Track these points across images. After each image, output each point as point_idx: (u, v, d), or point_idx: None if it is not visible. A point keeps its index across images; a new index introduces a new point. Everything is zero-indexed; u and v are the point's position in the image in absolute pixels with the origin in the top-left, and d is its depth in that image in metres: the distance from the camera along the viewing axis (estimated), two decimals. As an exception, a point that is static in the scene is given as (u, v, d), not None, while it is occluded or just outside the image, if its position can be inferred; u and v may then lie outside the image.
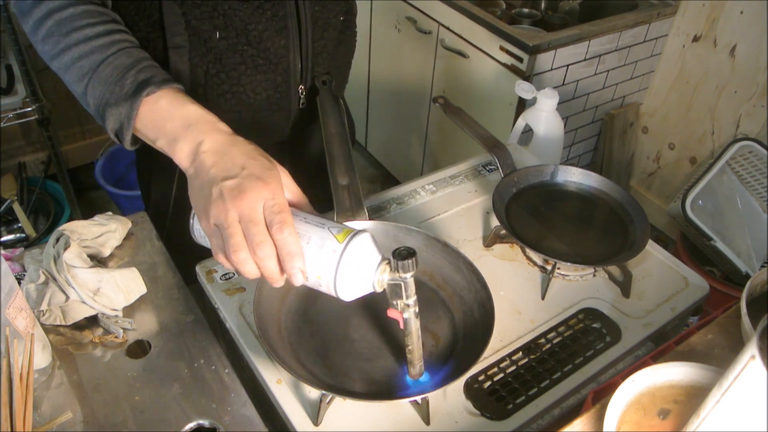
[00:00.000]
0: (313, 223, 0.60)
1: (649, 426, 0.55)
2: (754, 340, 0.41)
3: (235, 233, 0.57)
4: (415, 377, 0.70)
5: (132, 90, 0.65)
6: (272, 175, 0.60)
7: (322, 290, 0.61)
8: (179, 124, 0.63)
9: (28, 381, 0.65)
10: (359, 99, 2.48)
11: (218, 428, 0.68)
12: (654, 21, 1.92)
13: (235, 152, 0.61)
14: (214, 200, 0.58)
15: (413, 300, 0.63)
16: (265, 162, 0.61)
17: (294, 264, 0.57)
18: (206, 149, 0.61)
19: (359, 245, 0.59)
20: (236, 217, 0.57)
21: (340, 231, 0.59)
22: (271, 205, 0.57)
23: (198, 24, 0.82)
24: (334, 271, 0.58)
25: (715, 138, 2.05)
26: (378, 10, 2.19)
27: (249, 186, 0.57)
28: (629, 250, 0.89)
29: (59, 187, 2.06)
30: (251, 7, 0.83)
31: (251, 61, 0.87)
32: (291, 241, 0.57)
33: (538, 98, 1.27)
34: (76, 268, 0.77)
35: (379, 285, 0.61)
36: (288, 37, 0.88)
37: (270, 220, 0.57)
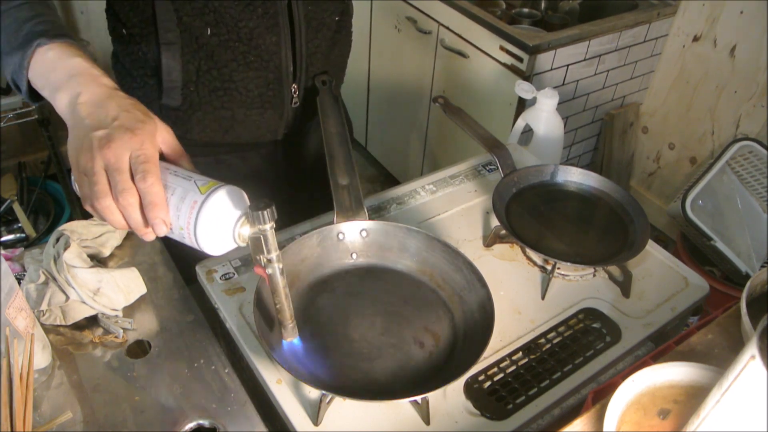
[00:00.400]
0: (181, 176, 0.60)
1: (649, 426, 0.55)
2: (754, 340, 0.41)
3: (100, 180, 0.58)
4: (289, 338, 0.68)
5: (25, 40, 0.66)
6: (143, 127, 0.60)
7: (186, 243, 0.61)
8: (62, 74, 0.64)
9: (28, 381, 0.65)
10: (359, 99, 2.48)
11: (218, 428, 0.68)
12: (654, 21, 1.92)
13: (111, 104, 0.62)
14: (84, 149, 0.59)
15: (276, 254, 0.62)
16: (138, 114, 0.62)
17: (156, 213, 0.58)
18: (83, 101, 0.62)
19: (220, 198, 0.59)
20: (102, 165, 0.58)
21: (205, 183, 0.59)
22: (137, 155, 0.58)
23: (190, 21, 0.83)
24: (194, 222, 0.58)
25: (715, 138, 2.05)
26: (378, 10, 2.19)
27: (117, 136, 0.58)
28: (629, 250, 0.89)
29: (59, 187, 2.06)
30: (242, 5, 0.83)
31: (243, 58, 0.88)
32: (154, 191, 0.58)
33: (538, 98, 1.27)
34: (76, 268, 0.77)
35: (240, 239, 0.61)
36: (279, 34, 0.88)
37: (135, 169, 0.58)
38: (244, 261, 0.89)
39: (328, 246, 0.84)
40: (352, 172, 0.89)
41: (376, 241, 0.85)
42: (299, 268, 0.82)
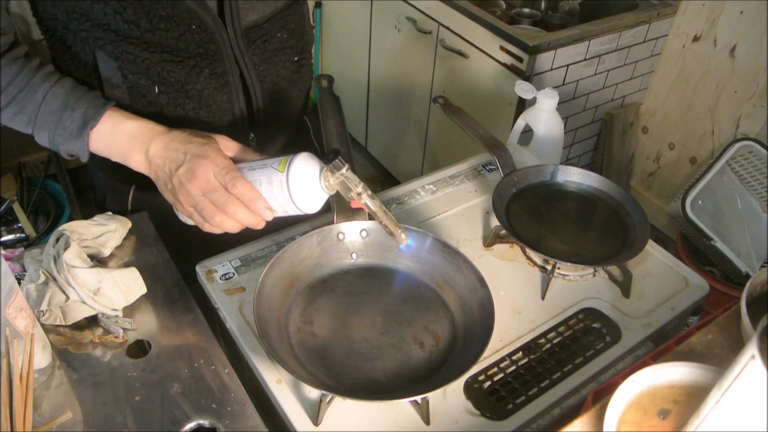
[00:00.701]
0: (257, 168, 0.71)
1: (649, 426, 0.55)
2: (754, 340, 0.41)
3: (205, 206, 0.69)
4: (404, 241, 0.77)
5: (75, 130, 0.75)
6: (210, 147, 0.71)
7: (291, 214, 0.72)
8: (124, 141, 0.74)
9: (28, 381, 0.65)
10: (359, 99, 2.48)
11: (218, 428, 0.68)
12: (654, 21, 1.92)
13: (176, 144, 0.72)
14: (178, 189, 0.70)
15: (362, 186, 0.71)
16: (200, 140, 0.71)
17: (258, 206, 0.69)
18: (154, 152, 0.73)
19: (298, 167, 0.69)
20: (200, 193, 0.69)
21: (280, 163, 0.70)
22: (218, 171, 0.69)
23: (135, 78, 0.81)
24: (289, 196, 0.69)
25: (715, 138, 2.05)
26: (378, 10, 2.19)
27: (195, 165, 0.69)
28: (629, 250, 0.89)
29: (59, 187, 2.06)
30: (187, 67, 0.82)
31: (194, 114, 0.86)
32: (246, 189, 0.69)
33: (538, 98, 1.27)
34: (76, 268, 0.77)
35: (329, 189, 0.71)
36: (230, 92, 0.87)
37: (224, 182, 0.69)
38: (244, 261, 0.89)
39: (328, 246, 0.84)
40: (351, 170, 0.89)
41: (376, 241, 0.85)
42: (299, 268, 0.82)
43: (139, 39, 0.78)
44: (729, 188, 1.86)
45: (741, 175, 1.86)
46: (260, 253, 0.90)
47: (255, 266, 0.88)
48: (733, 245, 1.80)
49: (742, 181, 1.86)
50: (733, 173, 1.86)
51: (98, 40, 0.78)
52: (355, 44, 2.38)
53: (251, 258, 0.89)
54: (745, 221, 1.84)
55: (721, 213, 1.84)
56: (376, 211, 0.74)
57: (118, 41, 0.78)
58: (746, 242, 1.82)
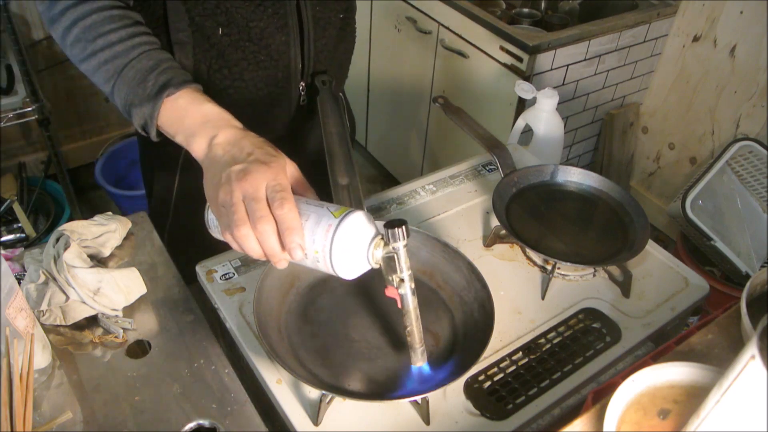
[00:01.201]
0: (313, 204, 0.64)
1: (649, 426, 0.55)
2: (754, 340, 0.41)
3: (239, 210, 0.61)
4: (418, 363, 0.69)
5: (154, 92, 0.70)
6: (276, 160, 0.64)
7: (320, 267, 0.63)
8: (197, 120, 0.69)
9: (28, 381, 0.65)
10: (359, 99, 2.48)
11: (218, 428, 0.68)
12: (654, 21, 1.92)
13: (245, 143, 0.66)
14: (223, 183, 0.63)
15: (408, 274, 0.63)
16: (270, 150, 0.66)
17: (293, 239, 0.61)
18: (219, 141, 0.67)
19: (354, 220, 0.61)
20: (240, 197, 0.61)
21: (338, 209, 0.62)
22: (273, 185, 0.62)
23: (201, 21, 0.83)
24: (330, 245, 0.61)
25: (715, 138, 2.05)
26: (378, 10, 2.19)
27: (253, 169, 0.62)
28: (629, 250, 0.89)
29: (59, 187, 2.06)
30: (253, 5, 0.84)
31: (253, 57, 0.88)
32: (290, 216, 0.60)
33: (538, 98, 1.27)
34: (76, 268, 0.77)
35: (373, 260, 0.63)
36: (289, 34, 0.89)
37: (271, 198, 0.61)
38: (244, 261, 0.89)
39: (328, 246, 0.84)
40: (352, 172, 0.89)
41: (376, 241, 0.85)
42: (299, 268, 0.82)
43: None
44: (729, 188, 1.86)
45: (741, 175, 1.86)
46: (260, 253, 0.90)
47: (255, 266, 0.88)
48: (733, 245, 1.80)
49: (742, 181, 1.86)
50: (733, 173, 1.86)
51: None
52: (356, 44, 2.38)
53: (251, 258, 0.89)
54: (745, 221, 1.84)
55: (721, 213, 1.84)
56: (411, 311, 0.66)
57: None
58: (746, 242, 1.82)
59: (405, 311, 0.66)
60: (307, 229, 0.62)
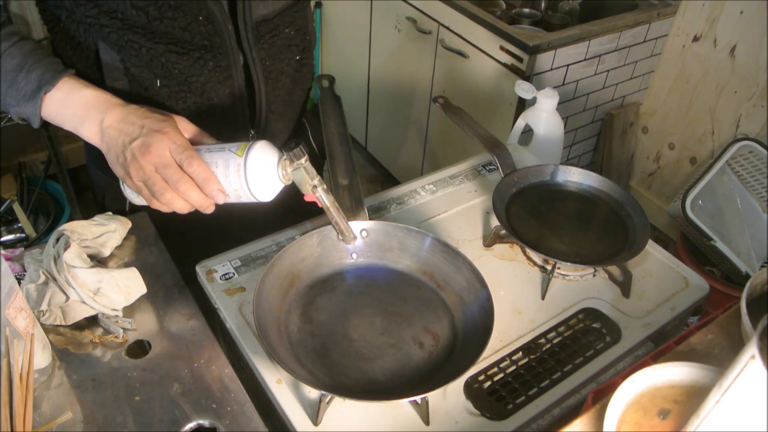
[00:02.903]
0: (215, 150, 0.70)
1: (649, 426, 0.55)
2: (754, 340, 0.41)
3: (156, 181, 0.67)
4: (351, 241, 0.81)
5: (29, 92, 0.72)
6: (168, 124, 0.69)
7: (244, 200, 0.71)
8: (79, 109, 0.72)
9: (28, 381, 0.65)
10: (359, 99, 2.48)
11: (218, 428, 0.68)
12: (654, 21, 1.92)
13: (133, 117, 0.70)
14: (130, 162, 0.68)
15: (317, 179, 0.72)
16: (158, 116, 0.70)
17: (211, 187, 0.67)
18: (108, 124, 0.70)
19: (256, 153, 0.68)
20: (152, 168, 0.67)
21: (239, 147, 0.69)
22: (174, 148, 0.67)
23: (137, 71, 0.81)
24: (245, 181, 0.68)
25: (715, 138, 2.05)
26: (378, 10, 2.19)
27: (152, 140, 0.67)
28: (629, 250, 0.89)
29: (59, 187, 2.06)
30: (191, 59, 0.81)
31: (195, 108, 0.86)
32: (201, 170, 0.67)
33: (538, 98, 1.27)
34: (76, 268, 0.77)
35: (285, 178, 0.71)
36: (233, 86, 0.86)
37: (179, 159, 0.67)
38: (244, 261, 0.89)
39: (328, 246, 0.84)
40: (352, 172, 0.89)
41: (376, 241, 0.85)
42: (299, 268, 0.82)
43: (146, 28, 0.78)
44: (729, 188, 1.86)
45: (741, 175, 1.86)
46: (260, 253, 0.90)
47: (255, 266, 0.88)
48: (733, 245, 1.80)
49: (742, 181, 1.86)
50: (733, 173, 1.86)
51: (104, 29, 0.78)
52: (355, 44, 2.38)
53: (251, 258, 0.89)
54: (745, 221, 1.84)
55: (721, 213, 1.84)
56: (329, 206, 0.74)
57: (124, 29, 0.77)
58: (746, 242, 1.82)
59: (325, 208, 0.75)
60: (219, 174, 0.68)
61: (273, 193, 0.72)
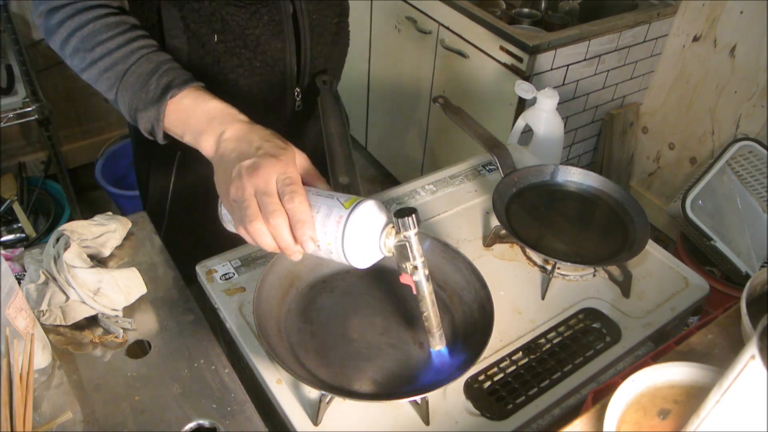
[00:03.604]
0: (323, 195, 0.64)
1: (649, 426, 0.55)
2: (754, 340, 0.41)
3: (251, 205, 0.62)
4: (437, 347, 0.70)
5: (157, 95, 0.70)
6: (285, 153, 0.65)
7: (334, 258, 0.63)
8: (202, 119, 0.69)
9: (28, 381, 0.65)
10: (359, 99, 2.48)
11: (218, 428, 0.68)
12: (654, 21, 1.92)
13: (253, 137, 0.66)
14: (233, 179, 0.63)
15: (421, 261, 0.64)
16: (279, 142, 0.66)
17: (304, 231, 0.61)
18: (227, 137, 0.67)
19: (364, 210, 0.62)
20: (252, 192, 0.62)
21: (348, 199, 0.62)
22: (283, 178, 0.62)
23: (196, 27, 0.83)
24: (341, 236, 0.61)
25: (715, 138, 2.05)
26: (378, 10, 2.19)
27: (263, 163, 0.62)
28: (629, 250, 0.89)
29: (59, 187, 2.06)
30: (248, 12, 0.83)
31: (248, 64, 0.88)
32: (301, 209, 0.61)
33: (538, 98, 1.27)
34: (76, 269, 0.77)
35: (386, 248, 0.64)
36: (284, 40, 0.89)
37: (282, 191, 0.62)
38: (245, 261, 0.89)
39: (328, 246, 0.84)
40: (352, 172, 0.89)
41: (376, 241, 0.85)
42: (299, 268, 0.82)
43: None
44: (729, 188, 1.86)
45: (741, 175, 1.86)
46: (260, 253, 0.90)
47: (255, 266, 0.88)
48: (733, 245, 1.80)
49: (742, 181, 1.86)
50: (733, 173, 1.86)
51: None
52: (355, 44, 2.37)
53: (251, 258, 0.89)
54: (745, 221, 1.84)
55: (721, 213, 1.84)
56: (426, 297, 0.66)
57: None
58: (746, 242, 1.82)
59: (420, 297, 0.67)
60: (318, 221, 0.62)
61: (368, 261, 0.64)
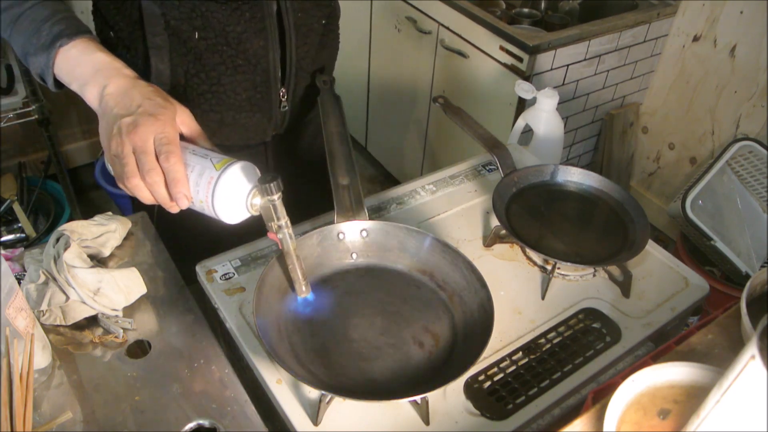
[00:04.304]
0: (199, 154, 0.68)
1: (649, 426, 0.55)
2: (754, 340, 0.41)
3: (129, 162, 0.65)
4: (302, 295, 0.78)
5: (48, 42, 0.72)
6: (165, 112, 0.67)
7: (206, 213, 0.68)
8: (88, 69, 0.71)
9: (28, 381, 0.65)
10: (359, 99, 2.48)
11: (218, 428, 0.68)
12: (654, 21, 1.92)
13: (135, 93, 0.68)
14: (114, 135, 0.66)
15: (285, 221, 0.70)
16: (159, 101, 0.69)
17: (179, 189, 0.65)
18: (110, 92, 0.69)
19: (233, 173, 0.66)
20: (131, 149, 0.65)
21: (220, 161, 0.67)
22: (160, 137, 0.65)
23: (177, 24, 0.83)
24: (212, 195, 0.66)
25: (715, 138, 2.05)
26: (378, 10, 2.19)
27: (142, 121, 0.65)
28: (629, 250, 0.89)
29: (59, 187, 2.06)
30: (229, 9, 0.83)
31: (231, 62, 0.88)
32: (176, 168, 0.65)
33: (538, 98, 1.27)
34: (76, 269, 0.77)
35: (253, 209, 0.69)
36: (267, 38, 0.88)
37: (159, 150, 0.65)
38: (244, 261, 0.89)
39: (328, 246, 0.84)
40: (352, 172, 0.89)
41: (376, 241, 0.85)
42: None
43: None
44: (729, 188, 1.86)
45: (741, 175, 1.86)
46: (260, 253, 0.90)
47: (255, 266, 0.88)
48: (733, 245, 1.80)
49: (742, 181, 1.86)
50: (733, 173, 1.86)
51: None
52: (355, 44, 2.38)
53: (251, 258, 0.89)
54: (745, 221, 1.84)
55: (721, 213, 1.84)
56: (291, 252, 0.72)
57: None
58: (746, 242, 1.82)
59: (285, 252, 0.73)
60: (191, 179, 0.66)
61: (237, 218, 0.69)
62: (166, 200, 0.67)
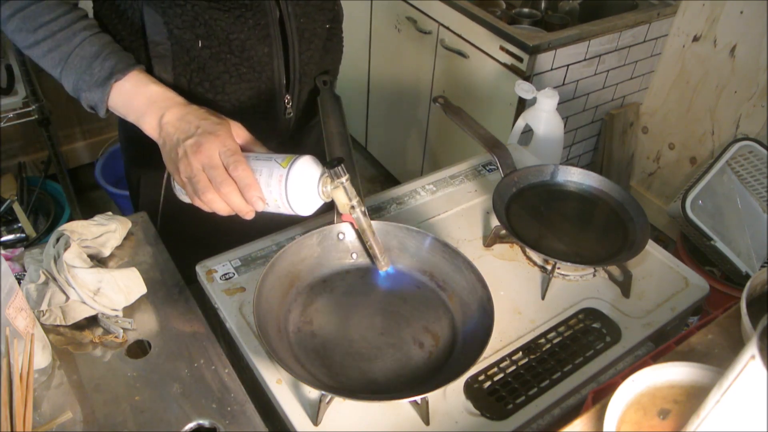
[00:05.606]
0: (262, 159, 0.72)
1: (649, 426, 0.55)
2: (754, 340, 0.41)
3: (201, 179, 0.70)
4: (384, 268, 0.82)
5: (101, 78, 0.76)
6: (221, 128, 0.72)
7: (283, 212, 0.73)
8: (143, 102, 0.76)
9: (28, 381, 0.65)
10: (359, 99, 2.48)
11: (218, 428, 0.68)
12: (654, 21, 1.92)
13: (191, 117, 0.73)
14: (180, 158, 0.71)
15: (357, 200, 0.74)
16: (214, 119, 0.73)
17: (252, 193, 0.70)
18: (167, 120, 0.74)
19: (299, 167, 0.70)
20: (200, 167, 0.70)
21: (284, 159, 0.71)
22: (224, 151, 0.70)
23: (180, 33, 0.82)
24: (285, 191, 0.70)
25: (715, 138, 2.05)
26: (378, 10, 2.19)
27: (204, 140, 0.70)
28: (629, 250, 0.89)
29: (59, 187, 2.06)
30: (233, 16, 0.83)
31: (234, 70, 0.87)
32: (245, 175, 0.69)
33: (538, 98, 1.27)
34: (76, 269, 0.77)
35: (325, 195, 0.73)
36: (271, 45, 0.88)
37: (226, 162, 0.70)
38: (244, 261, 0.89)
39: (328, 246, 0.84)
40: (352, 172, 0.89)
41: (376, 241, 0.85)
42: (299, 268, 0.82)
43: None
44: (729, 188, 1.86)
45: (741, 175, 1.86)
46: (260, 253, 0.90)
47: (255, 266, 0.88)
48: (733, 245, 1.80)
49: (742, 181, 1.86)
50: (733, 173, 1.86)
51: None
52: (355, 44, 2.38)
53: (251, 258, 0.89)
54: (745, 221, 1.84)
55: (721, 213, 1.84)
56: (366, 229, 0.76)
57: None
58: (746, 242, 1.82)
59: (362, 230, 0.77)
60: (262, 182, 0.70)
61: (311, 208, 0.73)
62: (243, 207, 0.71)
